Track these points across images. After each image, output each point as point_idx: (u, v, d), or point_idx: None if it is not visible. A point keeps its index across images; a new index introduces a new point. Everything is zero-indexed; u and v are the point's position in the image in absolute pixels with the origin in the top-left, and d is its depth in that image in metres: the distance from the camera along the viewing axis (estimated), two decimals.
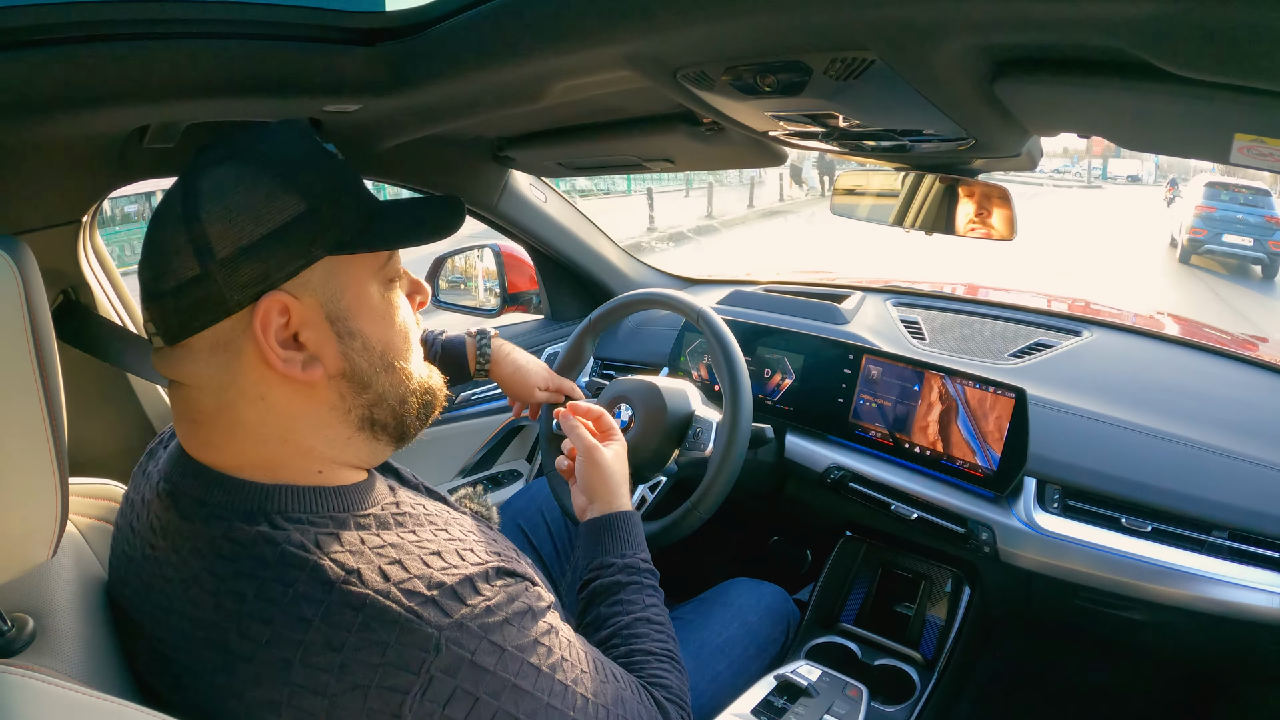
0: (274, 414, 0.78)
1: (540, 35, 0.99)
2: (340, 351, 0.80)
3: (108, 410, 1.59)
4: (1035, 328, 1.88)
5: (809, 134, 1.23)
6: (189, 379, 0.77)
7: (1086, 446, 1.51)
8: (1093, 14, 0.66)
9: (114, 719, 0.66)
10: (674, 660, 1.03)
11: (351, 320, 0.80)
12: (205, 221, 0.72)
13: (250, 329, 0.75)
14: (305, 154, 0.79)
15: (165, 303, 0.74)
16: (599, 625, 1.05)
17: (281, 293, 0.75)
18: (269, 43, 1.04)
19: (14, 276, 0.64)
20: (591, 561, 1.13)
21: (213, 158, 0.76)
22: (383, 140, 1.64)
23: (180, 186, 0.75)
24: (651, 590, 1.10)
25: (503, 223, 2.20)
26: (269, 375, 0.77)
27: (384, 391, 0.84)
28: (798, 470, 1.83)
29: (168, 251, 0.74)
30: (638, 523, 1.19)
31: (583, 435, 1.27)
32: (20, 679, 0.66)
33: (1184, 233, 12.89)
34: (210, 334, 0.75)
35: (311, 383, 0.79)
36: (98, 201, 1.44)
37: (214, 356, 0.76)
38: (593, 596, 1.09)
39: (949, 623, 1.67)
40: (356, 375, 0.82)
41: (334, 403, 0.81)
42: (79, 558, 0.89)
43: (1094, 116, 0.99)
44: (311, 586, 0.70)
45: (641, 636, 1.03)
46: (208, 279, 0.73)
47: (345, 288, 0.80)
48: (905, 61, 0.83)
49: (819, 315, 2.00)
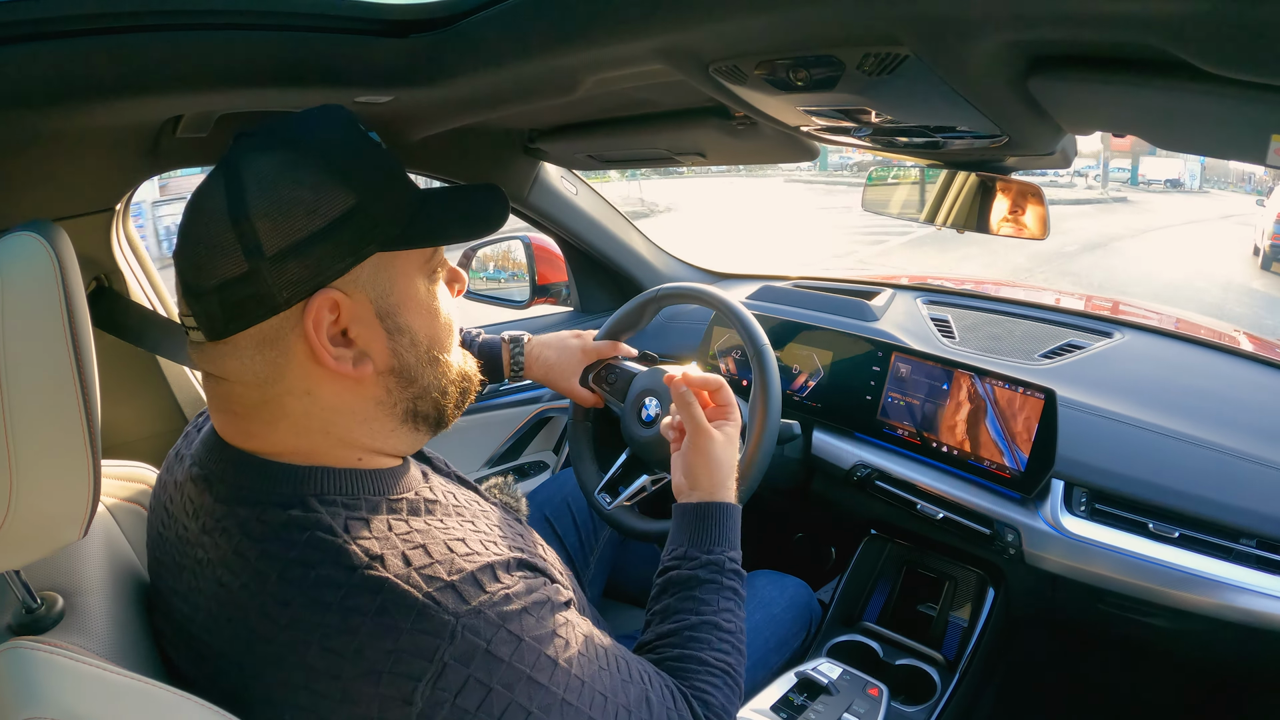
0: (319, 408, 0.78)
1: (572, 28, 0.99)
2: (389, 347, 0.80)
3: (139, 395, 1.62)
4: (1066, 328, 1.86)
5: (841, 129, 1.23)
6: (231, 374, 0.76)
7: (1116, 450, 1.49)
8: (1128, 11, 0.65)
9: (140, 696, 0.67)
10: (729, 675, 0.97)
11: (400, 315, 0.80)
12: (253, 216, 0.71)
13: (300, 326, 0.74)
14: (351, 143, 0.78)
15: (209, 300, 0.73)
16: (665, 616, 1.01)
17: (333, 289, 0.74)
18: (301, 34, 1.05)
19: (50, 260, 0.65)
20: (675, 549, 1.07)
21: (254, 144, 0.75)
22: (415, 131, 1.65)
23: (221, 176, 0.74)
24: (730, 594, 1.03)
25: (533, 215, 2.21)
26: (316, 371, 0.76)
27: (428, 384, 0.84)
28: (824, 467, 1.83)
29: (211, 247, 0.72)
30: (736, 518, 1.11)
31: (695, 415, 1.14)
32: (48, 655, 0.67)
33: (1265, 239, 12.43)
34: (256, 330, 0.74)
35: (360, 378, 0.78)
36: (130, 190, 1.46)
37: (259, 353, 0.75)
38: (667, 585, 1.04)
39: (972, 624, 1.65)
40: (404, 370, 0.82)
41: (380, 397, 0.81)
42: (109, 538, 0.91)
43: (1129, 115, 0.98)
44: (334, 570, 0.70)
45: (702, 643, 0.98)
46: (256, 276, 0.71)
47: (394, 282, 0.79)
48: (939, 57, 0.83)
49: (849, 312, 1.99)
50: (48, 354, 0.66)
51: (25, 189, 1.28)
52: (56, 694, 0.64)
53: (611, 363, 1.56)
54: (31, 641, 0.68)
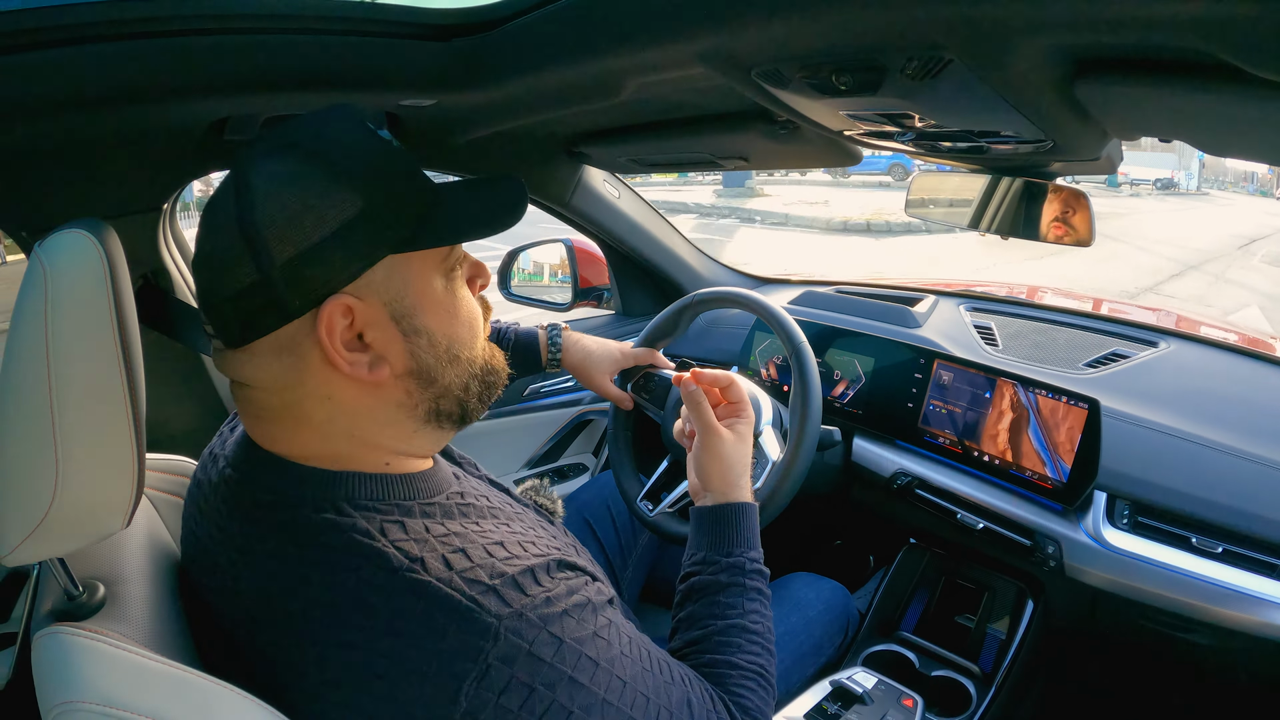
0: (341, 412, 0.78)
1: (614, 32, 0.99)
2: (406, 350, 0.79)
3: (182, 390, 1.65)
4: (1111, 337, 1.84)
5: (885, 134, 1.22)
6: (252, 380, 0.77)
7: (1160, 462, 1.47)
8: (1168, 14, 0.64)
9: (177, 684, 0.68)
10: (762, 677, 0.97)
11: (416, 317, 0.79)
12: (261, 225, 0.71)
13: (314, 333, 0.74)
14: (359, 145, 0.76)
15: (224, 310, 0.73)
16: (691, 623, 1.01)
17: (345, 295, 0.74)
18: (346, 38, 1.06)
19: (100, 257, 0.67)
20: (695, 554, 1.07)
21: (262, 150, 0.75)
22: (457, 134, 1.66)
23: (232, 184, 0.74)
24: (755, 594, 1.03)
25: (576, 218, 2.21)
26: (334, 376, 0.76)
27: (449, 384, 0.83)
28: (864, 474, 1.82)
29: (224, 257, 0.72)
30: (753, 517, 1.11)
31: (704, 414, 1.14)
32: (89, 642, 0.69)
33: None
34: (272, 338, 0.74)
35: (378, 382, 0.78)
36: (178, 190, 1.49)
37: (277, 360, 0.75)
38: (690, 592, 1.04)
39: (1010, 637, 1.64)
40: (423, 372, 0.81)
41: (400, 400, 0.81)
42: (151, 529, 0.92)
43: (1177, 120, 0.97)
44: (376, 573, 0.71)
45: (732, 646, 0.97)
46: (267, 285, 0.71)
47: (409, 284, 0.78)
48: (983, 61, 0.82)
49: (891, 318, 1.98)
50: (96, 348, 0.67)
51: (77, 188, 1.31)
52: (94, 679, 0.66)
53: (650, 370, 1.57)
54: (71, 628, 0.70)
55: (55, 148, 1.21)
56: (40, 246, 0.67)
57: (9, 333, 0.66)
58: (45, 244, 0.67)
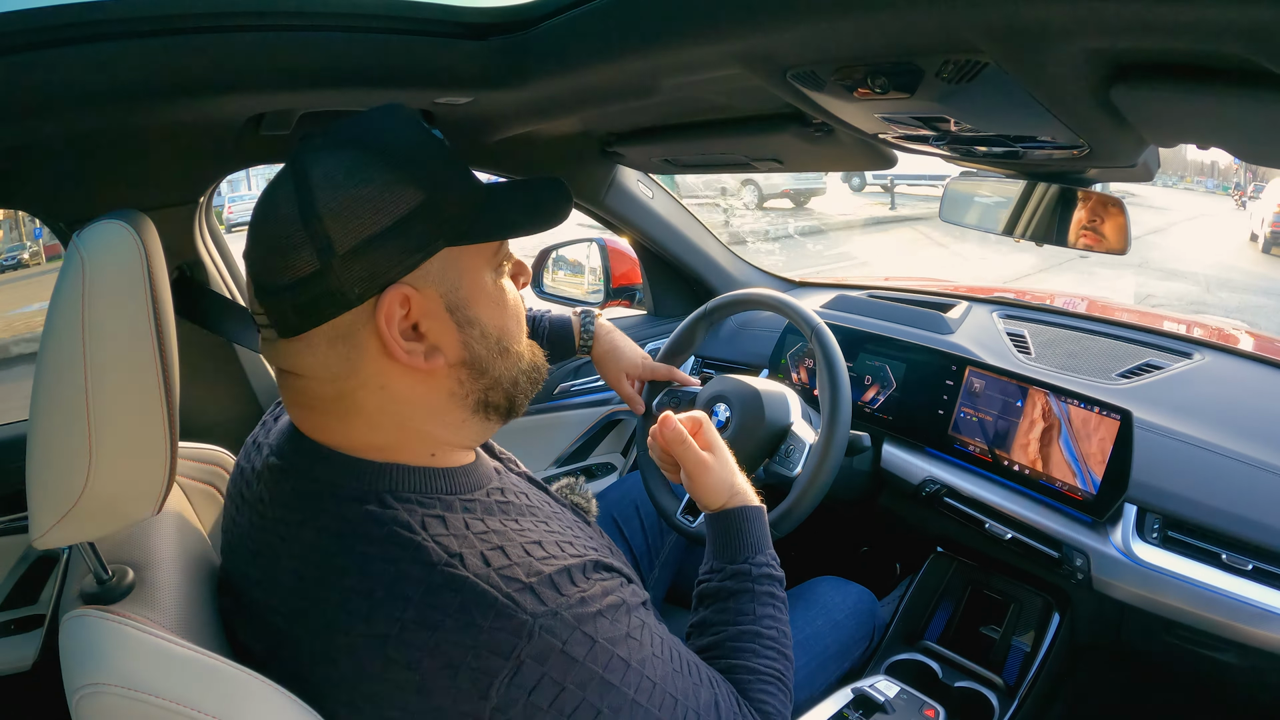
0: (393, 402, 0.80)
1: (650, 31, 0.99)
2: (460, 340, 0.81)
3: (216, 381, 1.68)
4: (1145, 347, 1.81)
5: (919, 137, 1.22)
6: (305, 370, 0.79)
7: (1192, 476, 1.44)
8: (1206, 18, 0.64)
9: (202, 669, 0.69)
10: (780, 681, 0.98)
11: (470, 308, 0.81)
12: (323, 215, 0.73)
13: (372, 322, 0.75)
14: (416, 141, 0.79)
15: (282, 298, 0.75)
16: (703, 630, 1.03)
17: (403, 284, 0.76)
18: (383, 36, 1.08)
19: (137, 247, 0.69)
20: (705, 562, 1.09)
21: (320, 145, 0.77)
22: (493, 133, 1.68)
23: (290, 176, 0.76)
24: (766, 599, 1.04)
25: (609, 217, 2.22)
26: (389, 365, 0.78)
27: (499, 375, 0.86)
28: (893, 481, 1.81)
29: (283, 246, 0.74)
30: (757, 518, 1.11)
31: (688, 451, 1.11)
32: (116, 625, 0.70)
33: (1265, 226, 14.13)
34: (329, 327, 0.76)
35: (432, 371, 0.80)
36: (214, 184, 1.52)
37: (333, 349, 0.77)
38: (700, 598, 1.06)
39: (1035, 649, 1.61)
40: (475, 362, 0.83)
41: (452, 389, 0.83)
42: (182, 517, 0.94)
43: (1216, 127, 0.95)
44: (414, 567, 0.72)
45: (747, 651, 0.99)
46: (328, 274, 0.73)
47: (462, 276, 0.80)
48: (1019, 64, 0.81)
49: (923, 324, 1.97)
50: (132, 337, 0.69)
51: (115, 180, 1.34)
52: (119, 662, 0.67)
53: (673, 389, 1.59)
54: (99, 611, 0.71)
55: (94, 141, 1.23)
56: (78, 236, 0.68)
57: (46, 320, 0.68)
58: (83, 234, 0.68)
